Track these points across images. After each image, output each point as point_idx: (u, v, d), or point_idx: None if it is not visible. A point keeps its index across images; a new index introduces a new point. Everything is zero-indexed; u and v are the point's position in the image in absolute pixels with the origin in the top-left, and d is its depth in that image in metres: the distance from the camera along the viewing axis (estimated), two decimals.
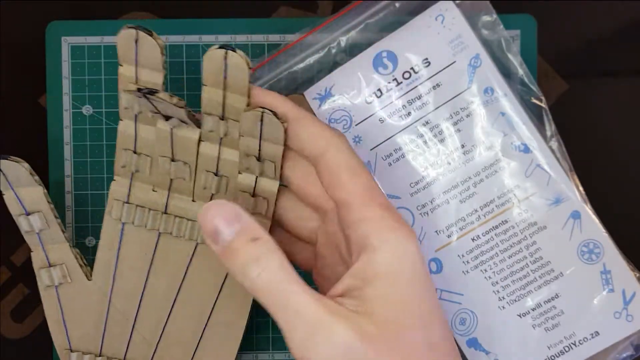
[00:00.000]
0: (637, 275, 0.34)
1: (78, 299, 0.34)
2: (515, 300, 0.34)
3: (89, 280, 0.34)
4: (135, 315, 0.33)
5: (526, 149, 0.34)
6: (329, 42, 0.35)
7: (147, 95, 0.29)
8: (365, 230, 0.28)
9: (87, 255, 0.37)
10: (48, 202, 0.33)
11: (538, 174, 0.34)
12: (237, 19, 0.38)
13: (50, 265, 0.34)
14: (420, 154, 0.34)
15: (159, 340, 0.33)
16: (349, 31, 0.35)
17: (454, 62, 0.34)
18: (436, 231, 0.34)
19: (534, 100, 0.35)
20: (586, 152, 0.37)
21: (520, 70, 0.35)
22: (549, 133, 0.35)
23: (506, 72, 0.35)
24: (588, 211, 0.34)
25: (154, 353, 0.34)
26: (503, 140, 0.34)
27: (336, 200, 0.29)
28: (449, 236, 0.34)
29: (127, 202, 0.33)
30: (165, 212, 0.33)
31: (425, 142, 0.34)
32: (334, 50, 0.35)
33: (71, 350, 0.34)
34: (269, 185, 0.31)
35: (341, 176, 0.29)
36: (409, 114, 0.34)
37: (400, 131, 0.34)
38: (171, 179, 0.32)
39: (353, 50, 0.35)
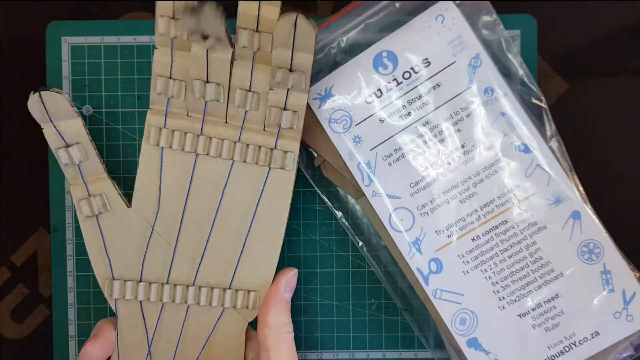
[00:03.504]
0: (637, 275, 0.34)
1: (119, 227, 0.34)
2: (515, 300, 0.34)
3: (128, 207, 0.34)
4: (177, 238, 0.34)
5: (526, 149, 0.34)
6: (329, 42, 0.35)
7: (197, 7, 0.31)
8: None
9: (86, 255, 0.37)
10: (87, 133, 0.34)
11: (538, 174, 0.34)
12: (235, 19, 0.37)
13: (90, 196, 0.34)
14: (420, 154, 0.34)
15: (200, 260, 0.34)
16: (349, 31, 0.35)
17: (454, 62, 0.34)
18: (436, 231, 0.34)
19: (534, 100, 0.35)
20: (586, 152, 0.37)
21: (520, 70, 0.35)
22: (549, 133, 0.35)
23: (506, 72, 0.35)
24: (588, 211, 0.34)
25: (197, 273, 0.34)
26: (503, 140, 0.34)
27: None
28: (449, 236, 0.34)
29: (165, 127, 0.33)
30: (201, 134, 0.34)
31: (425, 142, 0.34)
32: (334, 50, 0.35)
33: (113, 279, 0.34)
34: (299, 98, 0.33)
35: None
36: (409, 114, 0.34)
37: (400, 131, 0.34)
38: (206, 102, 0.33)
39: (353, 50, 0.35)
